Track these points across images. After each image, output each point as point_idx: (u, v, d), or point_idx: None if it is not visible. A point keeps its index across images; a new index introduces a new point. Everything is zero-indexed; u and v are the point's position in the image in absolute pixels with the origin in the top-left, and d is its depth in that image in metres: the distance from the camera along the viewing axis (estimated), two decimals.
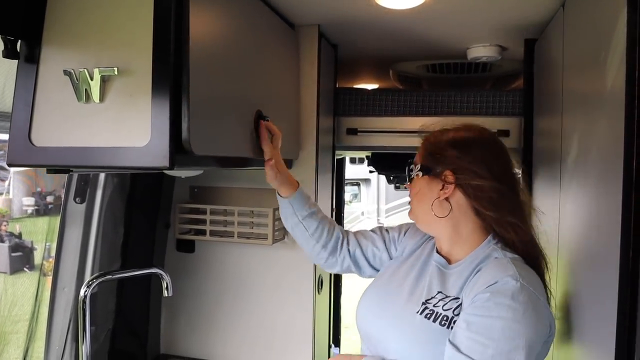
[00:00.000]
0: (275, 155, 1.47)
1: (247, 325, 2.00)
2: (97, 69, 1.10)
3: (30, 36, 1.16)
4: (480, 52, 2.12)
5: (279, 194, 1.52)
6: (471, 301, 1.13)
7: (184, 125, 1.10)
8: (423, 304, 1.21)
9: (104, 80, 1.11)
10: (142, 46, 1.09)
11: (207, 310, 2.04)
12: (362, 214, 13.65)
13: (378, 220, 13.41)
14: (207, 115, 1.19)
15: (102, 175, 1.80)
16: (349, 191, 13.29)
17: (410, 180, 1.34)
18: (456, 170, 1.24)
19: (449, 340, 1.11)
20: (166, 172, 1.53)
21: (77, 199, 1.77)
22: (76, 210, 1.78)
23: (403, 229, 1.51)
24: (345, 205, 4.11)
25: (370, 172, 3.36)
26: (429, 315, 1.19)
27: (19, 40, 1.17)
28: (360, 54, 2.36)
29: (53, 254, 1.89)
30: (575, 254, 1.34)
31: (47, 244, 2.92)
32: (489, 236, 1.25)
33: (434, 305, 1.20)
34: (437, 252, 1.32)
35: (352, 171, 12.43)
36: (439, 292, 1.22)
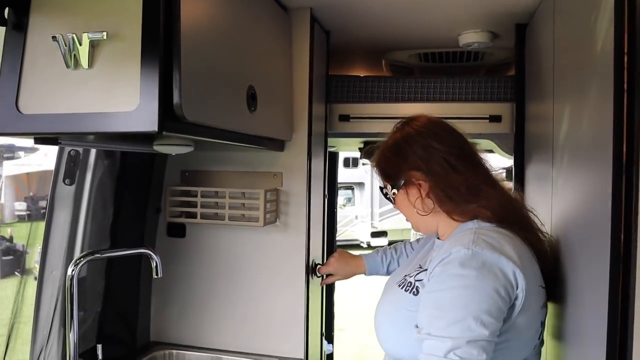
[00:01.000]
0: (339, 273, 1.92)
1: (238, 311, 1.98)
2: (86, 34, 1.09)
3: (18, 2, 1.15)
4: (472, 38, 2.13)
5: None
6: (429, 277, 1.19)
7: (176, 91, 1.09)
8: (404, 277, 1.34)
9: (93, 46, 1.09)
10: (131, 10, 1.08)
11: (198, 296, 2.02)
12: (356, 217, 13.64)
13: (372, 224, 13.41)
14: (198, 82, 1.18)
15: (92, 157, 1.78)
16: (342, 195, 13.29)
17: (394, 201, 1.41)
18: (413, 167, 1.32)
19: (415, 325, 1.16)
20: (156, 147, 1.51)
21: (66, 181, 1.75)
22: (65, 191, 1.75)
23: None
24: (339, 209, 4.08)
25: (364, 164, 3.35)
26: (401, 285, 1.30)
27: (7, 8, 1.16)
28: (352, 42, 2.36)
29: None
30: (567, 239, 1.33)
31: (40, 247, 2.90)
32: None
33: (409, 277, 1.31)
34: (438, 237, 1.40)
35: (346, 175, 12.43)
36: (419, 266, 1.34)
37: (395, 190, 1.37)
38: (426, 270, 1.25)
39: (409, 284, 1.27)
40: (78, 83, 1.11)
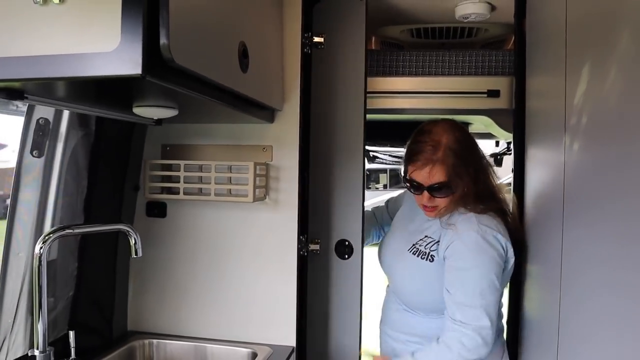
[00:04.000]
0: None
1: (224, 296, 1.84)
2: None
3: None
4: (469, 9, 2.03)
5: None
6: (445, 252, 1.58)
7: (163, 29, 0.95)
8: (413, 244, 1.67)
9: None
10: None
11: (180, 281, 1.87)
12: None
13: None
14: (188, 23, 1.04)
15: (63, 127, 1.61)
16: None
17: (448, 195, 1.60)
18: (472, 165, 1.62)
19: (445, 288, 1.56)
20: (137, 110, 1.36)
21: (34, 152, 1.58)
22: (33, 164, 1.58)
23: (391, 205, 2.07)
24: None
25: None
26: (415, 252, 1.64)
27: None
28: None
29: None
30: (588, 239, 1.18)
31: None
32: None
33: (419, 246, 1.65)
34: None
35: None
36: (426, 236, 1.66)
37: (453, 189, 1.58)
38: (438, 242, 1.62)
39: (424, 254, 1.62)
40: (47, 21, 0.96)
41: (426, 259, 1.61)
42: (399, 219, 1.87)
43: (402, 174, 1.67)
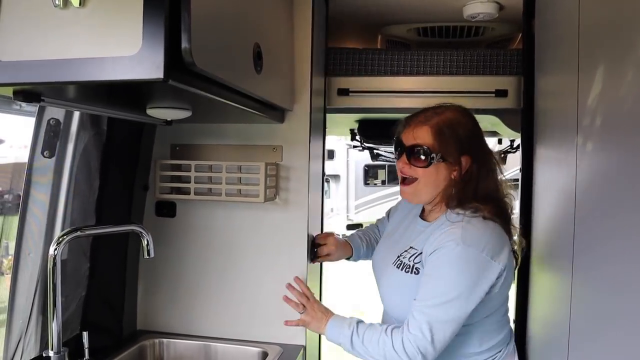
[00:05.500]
0: (331, 252, 1.81)
1: (234, 296, 1.84)
2: None
3: None
4: (477, 8, 2.03)
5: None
6: (425, 261, 1.40)
7: (184, 34, 0.95)
8: (397, 257, 1.50)
9: None
10: None
11: (190, 281, 1.87)
12: (332, 210, 13.54)
13: (347, 216, 13.32)
14: (208, 28, 1.04)
15: (74, 127, 1.61)
16: None
17: (428, 165, 1.42)
18: (469, 153, 1.43)
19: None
20: (151, 111, 1.36)
21: (45, 153, 1.58)
22: (44, 164, 1.58)
23: (391, 212, 1.83)
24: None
25: (355, 147, 3.24)
26: (399, 266, 1.48)
27: None
28: (348, 15, 2.24)
29: (11, 252, 1.69)
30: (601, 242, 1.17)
31: (5, 241, 2.70)
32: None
33: (404, 258, 1.48)
34: (421, 217, 1.56)
35: None
36: (410, 247, 1.49)
37: (441, 160, 1.41)
38: (421, 253, 1.43)
39: (408, 267, 1.45)
40: (67, 24, 0.96)
41: (411, 272, 1.43)
42: (390, 226, 1.74)
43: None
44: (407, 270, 1.44)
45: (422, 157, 1.41)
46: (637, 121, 0.95)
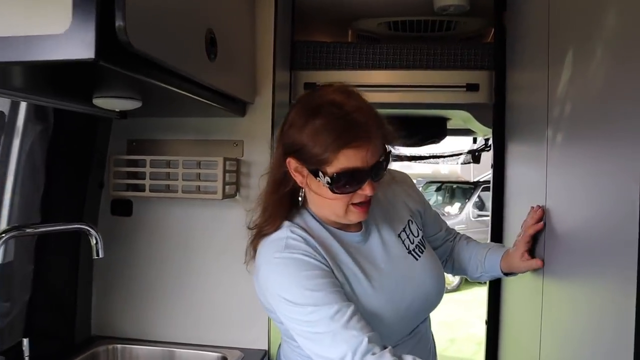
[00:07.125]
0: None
1: (193, 299, 1.75)
2: None
3: None
4: (448, 0, 1.98)
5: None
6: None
7: (118, 10, 0.87)
8: (408, 250, 1.23)
9: None
10: None
11: (147, 283, 1.77)
12: None
13: None
14: (147, 7, 0.96)
15: (20, 120, 1.51)
16: None
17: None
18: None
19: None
20: (97, 101, 1.26)
21: None
22: None
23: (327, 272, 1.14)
24: None
25: None
26: (415, 254, 1.23)
27: None
28: (318, 9, 2.18)
29: None
30: (569, 228, 1.11)
31: None
32: None
33: (411, 244, 1.24)
34: (354, 229, 1.18)
35: None
36: (404, 230, 1.25)
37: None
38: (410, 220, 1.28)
39: (420, 246, 1.26)
40: None
41: (424, 249, 1.24)
42: (354, 269, 1.13)
43: (321, 176, 1.05)
44: (420, 250, 1.22)
45: (385, 166, 1.12)
46: (603, 106, 0.90)
